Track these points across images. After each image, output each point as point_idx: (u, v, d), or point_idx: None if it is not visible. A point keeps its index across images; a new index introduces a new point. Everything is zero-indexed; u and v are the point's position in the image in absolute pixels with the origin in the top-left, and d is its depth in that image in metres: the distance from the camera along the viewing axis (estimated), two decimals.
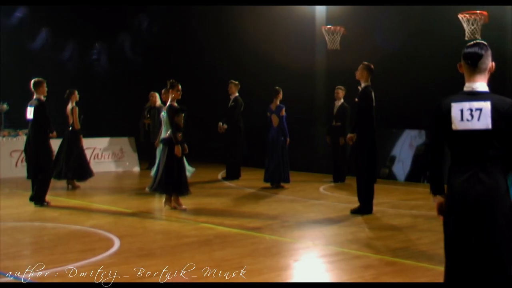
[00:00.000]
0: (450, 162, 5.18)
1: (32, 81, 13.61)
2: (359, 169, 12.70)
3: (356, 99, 12.75)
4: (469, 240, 4.94)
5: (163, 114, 13.32)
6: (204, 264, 8.57)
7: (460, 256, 5.02)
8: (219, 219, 12.00)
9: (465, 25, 15.43)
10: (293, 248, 9.94)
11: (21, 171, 18.68)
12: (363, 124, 12.48)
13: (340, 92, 17.33)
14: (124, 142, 21.06)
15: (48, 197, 13.66)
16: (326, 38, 18.59)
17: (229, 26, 22.47)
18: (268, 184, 16.43)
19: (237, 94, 17.68)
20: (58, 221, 11.83)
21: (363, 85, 12.57)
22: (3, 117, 20.05)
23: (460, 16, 15.53)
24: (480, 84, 5.12)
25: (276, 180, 16.31)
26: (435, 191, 5.30)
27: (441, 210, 5.21)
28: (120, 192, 15.68)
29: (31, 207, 13.43)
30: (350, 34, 18.45)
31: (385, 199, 14.37)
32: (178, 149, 12.43)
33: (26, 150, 13.74)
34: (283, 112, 16.15)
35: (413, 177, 17.86)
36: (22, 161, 18.95)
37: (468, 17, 15.41)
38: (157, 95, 19.61)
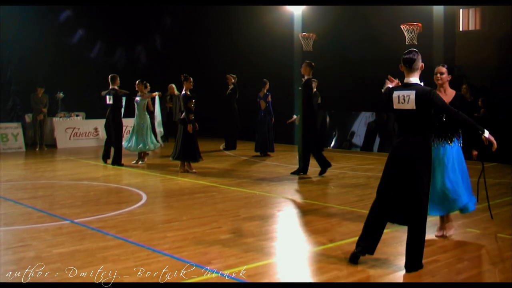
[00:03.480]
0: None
1: (110, 76, 14.08)
2: (302, 140, 12.58)
3: (300, 88, 12.63)
4: (399, 179, 5.81)
5: (138, 99, 14.09)
6: (209, 213, 8.62)
7: (389, 190, 5.88)
8: (221, 180, 12.00)
9: (405, 33, 15.36)
10: (277, 201, 9.93)
11: (74, 143, 18.81)
12: (306, 106, 12.38)
13: (313, 83, 17.19)
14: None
15: (95, 162, 13.73)
16: (302, 42, 18.48)
17: (228, 33, 22.37)
18: (257, 153, 16.40)
19: (233, 84, 17.58)
20: (100, 181, 11.84)
21: (306, 77, 12.38)
22: (60, 103, 20.01)
23: (402, 26, 15.46)
24: (413, 79, 5.80)
25: (264, 150, 16.29)
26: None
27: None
28: (146, 159, 15.59)
29: (81, 169, 13.45)
30: (320, 39, 18.35)
31: (345, 164, 14.39)
32: (190, 127, 12.47)
33: (106, 126, 14.31)
34: (269, 98, 16.18)
35: (366, 147, 17.85)
36: (74, 135, 18.97)
37: (408, 27, 15.33)
38: (174, 86, 19.65)
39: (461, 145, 6.95)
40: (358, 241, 6.06)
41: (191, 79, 12.71)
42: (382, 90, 6.26)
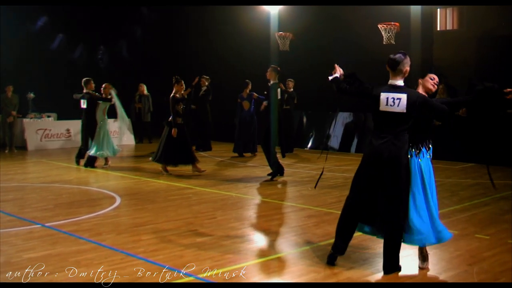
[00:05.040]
0: (373, 128, 6.04)
1: (83, 80, 14.05)
2: (265, 144, 12.45)
3: (265, 92, 12.61)
4: (379, 181, 5.82)
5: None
6: (185, 216, 8.60)
7: (366, 192, 5.91)
8: (196, 181, 11.97)
9: (383, 33, 15.47)
10: (253, 203, 9.95)
11: (45, 145, 18.62)
12: (270, 110, 12.29)
13: (290, 83, 17.31)
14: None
15: (68, 164, 13.62)
16: (278, 41, 18.53)
17: (204, 32, 22.32)
18: (235, 154, 16.41)
19: (206, 86, 17.54)
20: (73, 183, 11.74)
21: (272, 82, 12.25)
22: (31, 103, 19.79)
23: (379, 25, 15.57)
24: (399, 82, 5.87)
25: (242, 151, 16.32)
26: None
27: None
28: (119, 161, 15.51)
29: (53, 172, 13.31)
30: (297, 38, 18.42)
31: (322, 165, 14.41)
32: (174, 131, 12.41)
33: (83, 130, 14.23)
34: (255, 96, 15.91)
35: (344, 148, 17.93)
36: (45, 137, 18.79)
37: (385, 27, 15.45)
38: (144, 86, 19.67)
39: (430, 156, 6.14)
40: (334, 242, 6.12)
41: (183, 82, 12.65)
42: (330, 78, 6.34)
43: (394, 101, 5.74)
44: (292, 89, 17.33)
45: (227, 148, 17.07)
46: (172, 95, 12.59)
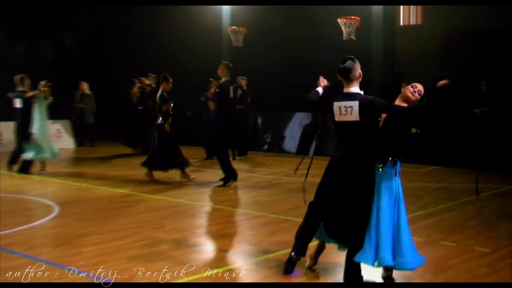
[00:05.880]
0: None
1: (17, 77, 13.82)
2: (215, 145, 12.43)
3: (217, 90, 12.61)
4: (340, 191, 5.85)
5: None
6: (131, 225, 8.45)
7: (330, 199, 5.98)
8: (143, 188, 11.82)
9: (343, 28, 15.55)
10: (205, 210, 9.89)
11: None
12: (222, 110, 12.30)
13: (243, 81, 17.24)
14: (61, 124, 20.17)
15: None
16: (231, 36, 18.47)
17: (153, 26, 22.14)
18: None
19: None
20: (5, 191, 11.40)
21: (223, 79, 12.18)
22: None
23: (339, 20, 15.66)
24: (353, 88, 5.85)
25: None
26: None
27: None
28: (58, 166, 15.16)
29: None
30: (252, 33, 18.40)
31: (279, 169, 14.44)
32: (167, 126, 12.19)
33: (17, 132, 13.88)
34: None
35: (302, 150, 17.94)
36: None
37: (345, 21, 15.54)
38: (85, 84, 19.36)
39: (397, 171, 5.90)
40: (293, 246, 6.18)
41: (171, 80, 12.36)
42: (312, 91, 6.24)
43: (347, 109, 5.74)
44: (245, 87, 17.28)
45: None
46: (160, 93, 12.30)
